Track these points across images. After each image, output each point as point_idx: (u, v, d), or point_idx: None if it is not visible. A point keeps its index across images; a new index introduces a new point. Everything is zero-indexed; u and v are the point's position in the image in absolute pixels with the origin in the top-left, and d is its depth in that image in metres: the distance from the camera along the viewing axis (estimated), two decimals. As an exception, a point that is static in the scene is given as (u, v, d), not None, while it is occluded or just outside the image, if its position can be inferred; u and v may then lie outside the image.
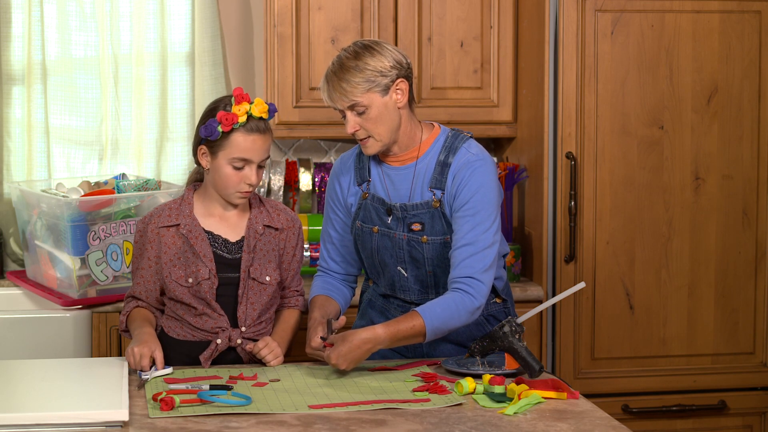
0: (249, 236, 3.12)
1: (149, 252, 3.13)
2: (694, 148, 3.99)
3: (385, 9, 4.09)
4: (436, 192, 3.07)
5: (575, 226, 3.93)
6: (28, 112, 4.18)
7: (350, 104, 2.99)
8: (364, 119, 3.01)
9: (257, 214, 3.16)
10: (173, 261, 3.10)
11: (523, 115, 4.16)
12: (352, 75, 2.97)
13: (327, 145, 4.47)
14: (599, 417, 2.64)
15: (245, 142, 3.03)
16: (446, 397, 2.76)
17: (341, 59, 3.01)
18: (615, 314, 3.99)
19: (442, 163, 3.08)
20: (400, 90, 3.03)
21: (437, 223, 3.08)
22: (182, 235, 3.10)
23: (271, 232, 3.16)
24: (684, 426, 4.06)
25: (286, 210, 3.23)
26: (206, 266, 3.08)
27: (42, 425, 2.50)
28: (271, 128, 3.10)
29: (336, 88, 2.99)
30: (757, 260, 4.05)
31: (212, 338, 3.10)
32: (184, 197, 3.17)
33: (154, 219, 3.14)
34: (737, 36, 3.97)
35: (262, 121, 3.05)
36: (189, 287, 3.08)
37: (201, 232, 3.10)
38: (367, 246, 3.17)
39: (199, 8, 4.26)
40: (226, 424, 2.56)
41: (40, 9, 4.14)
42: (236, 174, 3.05)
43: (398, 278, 3.15)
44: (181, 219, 3.11)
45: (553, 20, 3.92)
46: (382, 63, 2.99)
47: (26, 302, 4.01)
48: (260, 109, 3.04)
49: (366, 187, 3.16)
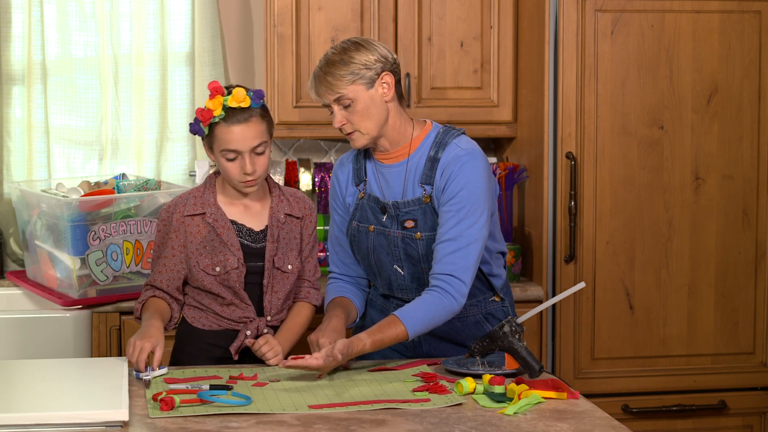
0: (272, 225, 3.14)
1: (174, 241, 3.13)
2: (694, 148, 3.99)
3: (385, 9, 4.09)
4: (426, 188, 3.08)
5: (575, 226, 3.93)
6: (28, 112, 4.18)
7: (336, 97, 3.02)
8: (350, 113, 3.04)
9: (278, 202, 3.18)
10: (200, 250, 3.11)
11: (523, 115, 4.16)
12: (338, 68, 3.01)
13: (327, 145, 4.47)
14: (599, 417, 2.64)
15: (228, 134, 3.04)
16: (446, 397, 2.76)
17: (328, 56, 3.05)
18: (615, 314, 3.99)
19: (432, 158, 3.08)
20: (386, 83, 3.05)
21: (429, 219, 3.08)
22: (208, 223, 3.11)
23: (292, 220, 3.18)
24: (684, 426, 4.06)
25: (304, 198, 3.25)
26: (234, 255, 3.09)
27: (42, 425, 2.50)
28: (261, 114, 3.07)
29: (322, 82, 3.03)
30: (757, 260, 4.05)
31: (238, 328, 3.12)
32: (207, 185, 3.18)
33: (179, 207, 3.14)
34: (737, 36, 3.97)
35: (244, 110, 3.04)
36: (216, 276, 3.09)
37: (227, 221, 3.12)
38: (363, 246, 3.17)
39: (199, 8, 4.26)
40: (226, 424, 2.56)
41: (40, 9, 4.14)
42: (232, 165, 3.06)
43: (395, 277, 3.15)
44: (206, 207, 3.13)
45: (553, 20, 3.92)
46: (367, 57, 3.03)
47: (26, 302, 4.01)
48: (237, 99, 3.03)
49: (363, 187, 3.17)
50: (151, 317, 3.06)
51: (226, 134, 3.04)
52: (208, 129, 3.06)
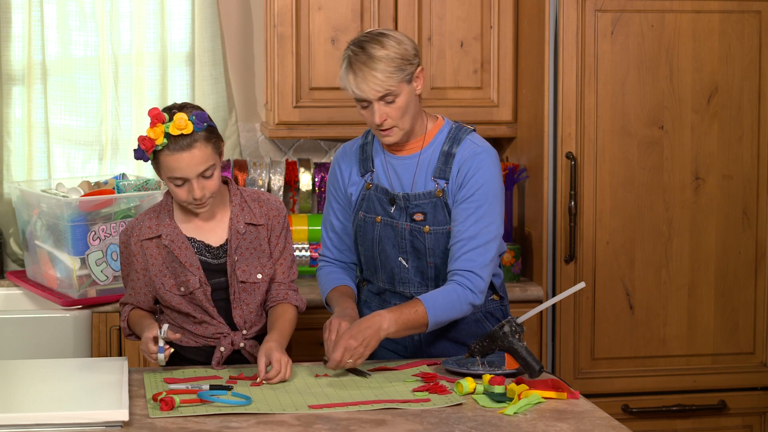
0: (231, 238, 3.06)
1: (137, 264, 3.08)
2: (694, 148, 3.99)
3: (385, 9, 4.09)
4: (439, 182, 3.08)
5: (575, 226, 3.93)
6: (28, 112, 4.18)
7: (384, 94, 2.96)
8: (391, 108, 2.99)
9: (238, 212, 3.08)
10: (162, 272, 3.05)
11: (523, 115, 4.16)
12: (385, 64, 2.94)
13: (327, 145, 4.47)
14: (599, 417, 2.64)
15: (172, 162, 2.93)
16: (446, 397, 2.76)
17: (365, 49, 2.96)
18: (615, 314, 3.99)
19: (446, 153, 3.08)
20: (420, 77, 3.04)
21: (439, 213, 3.08)
22: (165, 245, 3.04)
23: (255, 228, 3.09)
24: (684, 426, 4.06)
25: (268, 200, 3.14)
26: (195, 275, 3.03)
27: (42, 425, 2.50)
28: (205, 138, 2.94)
29: (368, 78, 2.94)
30: (757, 260, 4.05)
31: (214, 344, 3.07)
32: (163, 203, 3.10)
33: (135, 232, 3.07)
34: (737, 36, 3.97)
35: (185, 137, 2.91)
36: (183, 295, 3.05)
37: (184, 240, 3.04)
38: (368, 236, 3.16)
39: (199, 8, 4.26)
40: (226, 424, 2.56)
41: (40, 9, 4.14)
42: (180, 190, 2.97)
43: (398, 269, 3.14)
44: (161, 229, 3.05)
45: (553, 20, 3.92)
46: (407, 51, 2.99)
47: (26, 302, 4.01)
48: (178, 127, 2.90)
49: (369, 177, 3.16)
50: (143, 319, 3.06)
51: (170, 162, 2.93)
52: (153, 155, 2.96)
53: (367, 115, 3.01)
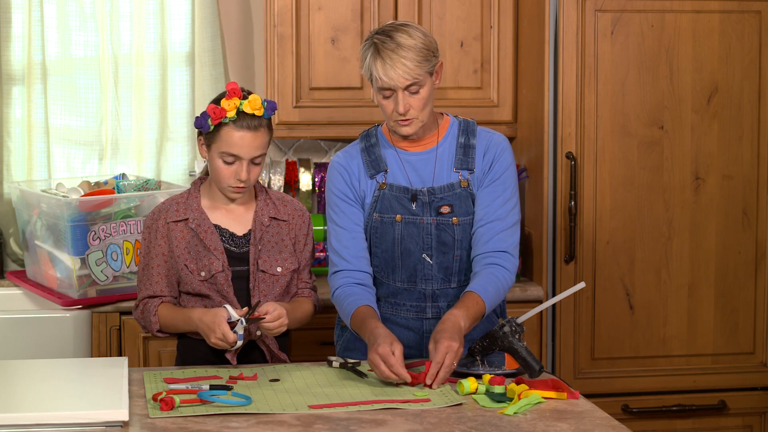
0: (255, 228, 3.13)
1: (161, 248, 3.13)
2: (694, 148, 3.99)
3: (385, 9, 4.09)
4: (462, 173, 3.10)
5: (575, 226, 3.93)
6: (28, 112, 4.18)
7: (411, 82, 2.98)
8: (414, 99, 3.01)
9: (263, 206, 3.16)
10: (185, 255, 3.11)
11: (523, 115, 4.16)
12: (414, 53, 2.97)
13: (327, 145, 4.47)
14: (599, 417, 2.64)
15: (234, 138, 3.03)
16: (446, 397, 2.76)
17: (393, 37, 2.98)
18: (615, 314, 3.99)
19: (464, 145, 3.12)
20: (439, 72, 3.07)
21: (465, 204, 3.10)
22: (191, 229, 3.11)
23: (278, 223, 3.17)
24: (684, 426, 4.06)
25: (292, 201, 3.23)
26: (218, 259, 3.09)
27: (42, 425, 2.50)
28: (268, 125, 3.08)
29: (396, 65, 2.95)
30: (757, 260, 4.05)
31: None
32: (191, 191, 3.18)
33: (163, 214, 3.14)
34: (737, 36, 3.97)
35: (255, 118, 3.04)
36: (203, 280, 3.09)
37: (210, 225, 3.12)
38: (387, 237, 3.13)
39: (199, 8, 4.26)
40: (226, 424, 2.56)
41: (40, 9, 4.14)
42: (227, 168, 3.06)
43: (421, 267, 3.12)
44: (189, 213, 3.13)
45: (553, 20, 3.92)
46: (432, 43, 3.02)
47: (26, 302, 4.01)
48: (252, 106, 3.03)
49: (383, 177, 3.15)
50: (177, 311, 3.08)
51: (231, 137, 3.03)
52: (214, 127, 3.04)
53: (388, 104, 3.02)
